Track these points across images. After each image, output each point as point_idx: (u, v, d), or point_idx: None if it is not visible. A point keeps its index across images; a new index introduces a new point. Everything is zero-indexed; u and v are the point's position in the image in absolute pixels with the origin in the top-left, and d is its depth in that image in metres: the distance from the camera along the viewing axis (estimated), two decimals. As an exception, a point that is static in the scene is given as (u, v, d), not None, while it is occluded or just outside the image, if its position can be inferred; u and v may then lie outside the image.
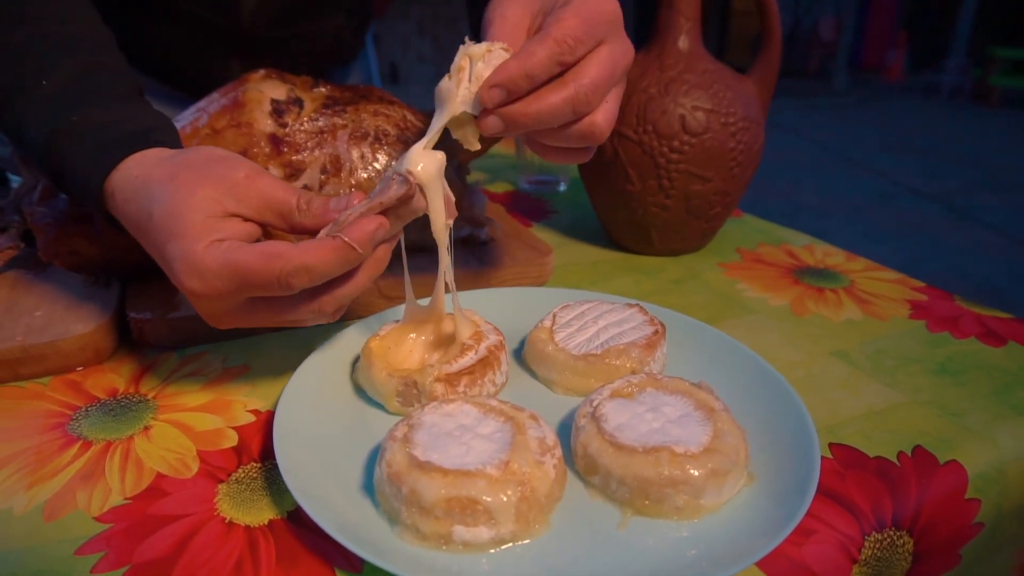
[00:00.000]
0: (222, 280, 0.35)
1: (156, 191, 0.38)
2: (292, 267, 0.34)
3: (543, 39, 0.37)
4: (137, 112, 0.43)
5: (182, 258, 0.36)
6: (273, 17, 0.80)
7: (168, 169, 0.39)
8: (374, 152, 0.57)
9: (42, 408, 0.42)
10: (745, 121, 0.61)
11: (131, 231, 0.40)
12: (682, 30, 0.62)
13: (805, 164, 5.14)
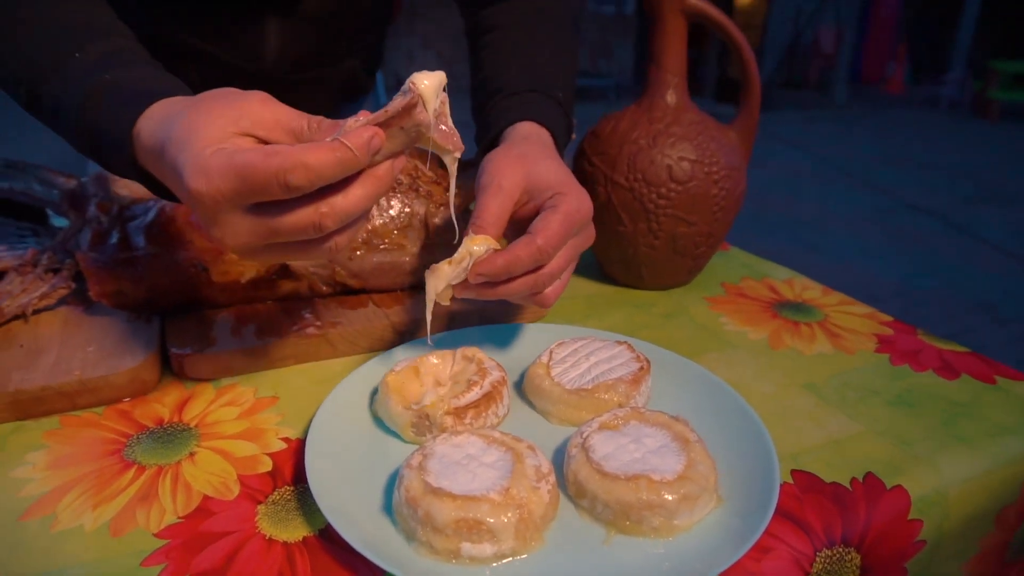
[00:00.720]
0: (225, 179, 0.37)
1: (175, 118, 0.41)
2: (290, 163, 0.36)
3: (529, 243, 0.46)
4: (161, 75, 0.48)
5: (191, 163, 0.38)
6: (294, 61, 0.86)
7: (187, 103, 0.42)
8: (388, 199, 0.63)
9: (99, 436, 0.48)
10: (727, 169, 0.67)
11: (153, 167, 0.43)
12: (669, 85, 0.68)
13: (804, 177, 5.20)
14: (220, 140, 0.38)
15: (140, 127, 0.44)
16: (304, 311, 0.61)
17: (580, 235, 0.51)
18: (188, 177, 0.37)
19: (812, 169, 5.47)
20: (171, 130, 0.40)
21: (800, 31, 9.55)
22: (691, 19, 0.66)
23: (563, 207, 0.49)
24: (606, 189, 0.67)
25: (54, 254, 0.62)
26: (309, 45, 0.87)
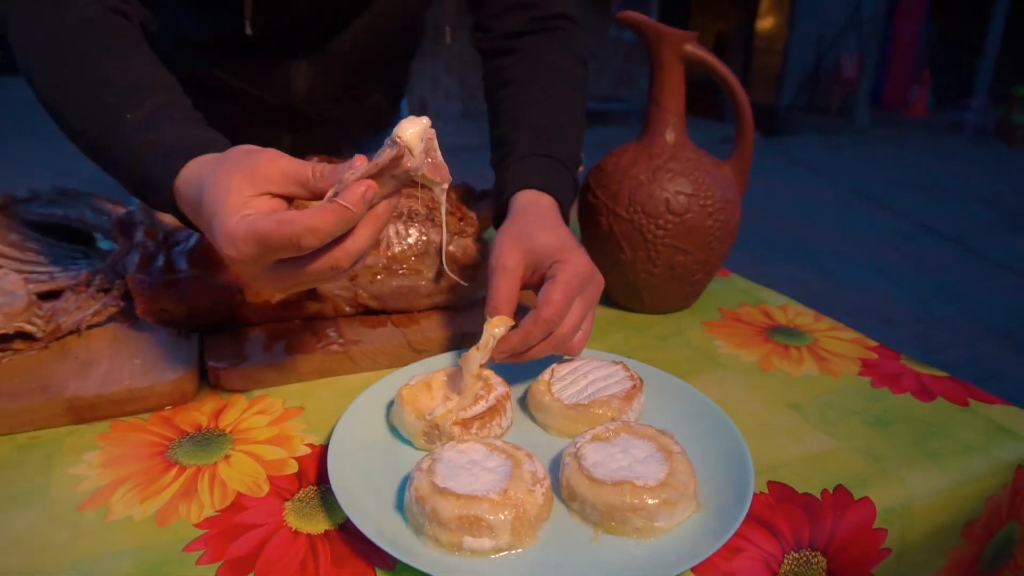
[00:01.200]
0: (249, 245, 0.43)
1: (204, 183, 0.48)
2: (301, 229, 0.42)
3: (536, 318, 0.54)
4: (197, 131, 0.55)
5: (221, 232, 0.44)
6: (323, 98, 0.93)
7: (212, 165, 0.48)
8: (407, 228, 0.68)
9: (145, 439, 0.54)
10: (722, 202, 0.72)
11: (192, 218, 0.51)
12: (668, 124, 0.73)
13: (823, 201, 5.20)
14: (242, 206, 0.45)
15: (178, 185, 0.51)
16: (329, 330, 0.66)
17: (586, 291, 0.58)
18: (221, 246, 0.45)
19: (831, 194, 5.48)
20: (202, 194, 0.48)
21: (822, 56, 9.58)
22: (688, 64, 0.71)
23: (561, 276, 0.56)
24: (608, 220, 0.72)
25: (105, 275, 0.68)
26: (336, 82, 0.94)
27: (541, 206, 0.64)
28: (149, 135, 0.53)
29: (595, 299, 0.59)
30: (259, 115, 0.94)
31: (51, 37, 0.59)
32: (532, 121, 0.72)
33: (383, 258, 0.67)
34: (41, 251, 0.75)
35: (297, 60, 0.89)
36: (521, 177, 0.67)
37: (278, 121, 0.96)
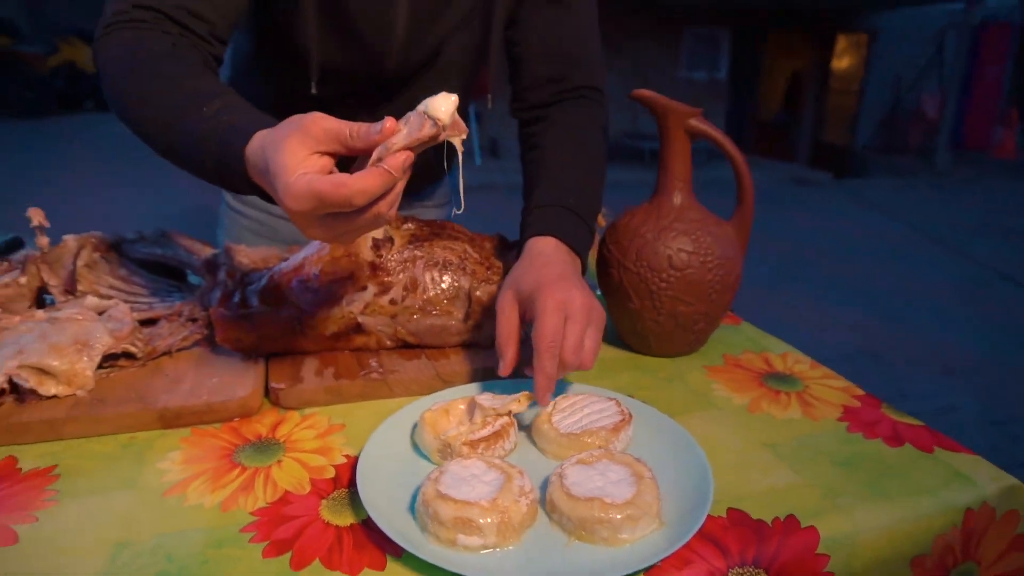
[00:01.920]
0: (308, 201, 0.53)
1: (267, 149, 0.58)
2: (352, 191, 0.52)
3: (541, 355, 0.65)
4: (259, 115, 0.65)
5: (283, 189, 0.54)
6: None
7: (272, 134, 0.58)
8: (441, 275, 0.80)
9: (217, 444, 0.66)
10: (721, 259, 0.80)
11: (262, 184, 0.61)
12: (676, 188, 0.82)
13: (892, 244, 5.09)
14: (297, 166, 0.55)
15: (248, 155, 0.62)
16: (371, 360, 0.78)
17: (573, 315, 0.67)
18: (284, 200, 0.55)
19: (903, 237, 5.36)
20: (267, 160, 0.58)
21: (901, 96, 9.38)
22: (693, 136, 0.81)
23: (540, 312, 0.67)
24: (619, 272, 0.82)
25: (193, 307, 0.82)
26: None
27: (546, 251, 0.75)
28: (223, 118, 0.65)
29: (586, 318, 0.68)
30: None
31: (136, 59, 0.72)
32: (553, 177, 0.84)
33: (420, 300, 0.78)
34: (144, 284, 0.90)
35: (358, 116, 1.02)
36: (535, 224, 0.79)
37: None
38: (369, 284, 0.77)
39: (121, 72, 0.73)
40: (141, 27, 0.75)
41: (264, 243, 1.20)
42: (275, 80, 0.99)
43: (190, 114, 0.67)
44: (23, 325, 0.73)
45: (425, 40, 0.93)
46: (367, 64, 0.93)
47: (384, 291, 0.78)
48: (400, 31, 0.90)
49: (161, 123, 0.70)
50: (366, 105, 0.99)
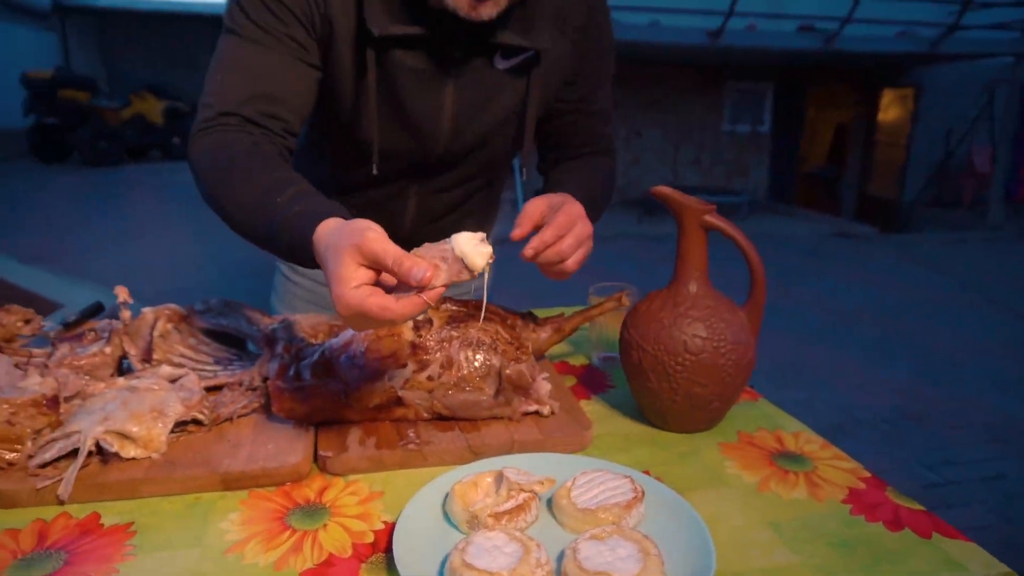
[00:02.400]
0: (357, 312, 0.66)
1: (327, 251, 0.70)
2: (395, 315, 0.65)
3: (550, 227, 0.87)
4: (326, 203, 0.78)
5: (336, 296, 0.66)
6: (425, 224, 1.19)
7: (335, 236, 0.70)
8: (474, 354, 0.88)
9: (271, 507, 0.74)
10: (733, 344, 0.86)
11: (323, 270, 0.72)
12: (692, 277, 0.89)
13: (943, 302, 5.00)
14: (350, 278, 0.66)
15: (315, 244, 0.74)
16: (409, 430, 0.86)
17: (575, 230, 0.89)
18: (337, 305, 0.67)
19: (952, 294, 5.25)
20: (326, 260, 0.70)
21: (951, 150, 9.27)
22: (707, 229, 0.88)
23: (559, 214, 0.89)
24: (638, 354, 0.89)
25: (253, 377, 0.92)
26: (437, 212, 1.19)
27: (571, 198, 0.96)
28: (294, 208, 0.78)
29: (583, 236, 0.90)
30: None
31: (221, 157, 0.87)
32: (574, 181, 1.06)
33: (455, 377, 0.86)
34: (209, 353, 1.00)
35: (408, 194, 1.14)
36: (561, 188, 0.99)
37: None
38: (409, 362, 0.86)
39: (209, 168, 0.87)
40: (226, 129, 0.89)
41: (314, 310, 1.31)
42: (339, 162, 1.11)
43: (266, 205, 0.81)
44: (108, 392, 0.83)
45: (469, 131, 1.05)
46: (419, 149, 1.06)
47: (423, 368, 0.86)
48: (447, 124, 1.03)
49: (242, 212, 0.84)
50: (417, 178, 1.12)
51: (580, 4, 1.03)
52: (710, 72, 8.37)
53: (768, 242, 6.95)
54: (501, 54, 0.99)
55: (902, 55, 7.95)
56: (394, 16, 0.92)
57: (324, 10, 0.92)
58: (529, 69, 1.01)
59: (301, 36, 0.92)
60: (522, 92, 1.04)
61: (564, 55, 1.04)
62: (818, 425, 3.03)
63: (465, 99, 1.01)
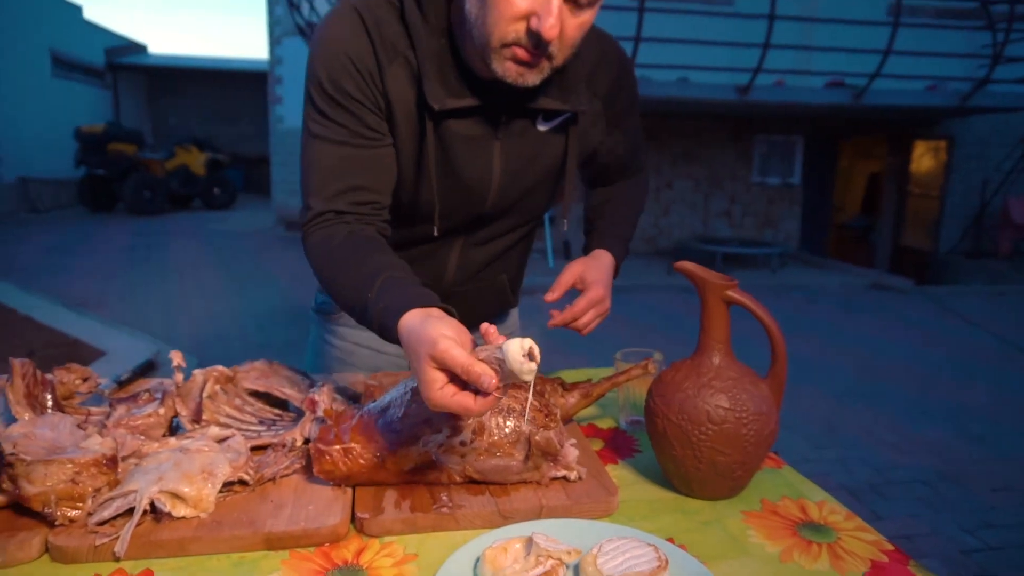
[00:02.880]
0: (441, 407, 0.79)
1: (409, 350, 0.84)
2: (474, 412, 0.78)
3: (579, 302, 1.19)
4: (409, 294, 0.90)
5: (427, 397, 0.79)
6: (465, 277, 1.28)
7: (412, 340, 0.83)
8: (505, 421, 0.92)
9: (311, 567, 0.78)
10: (756, 415, 0.89)
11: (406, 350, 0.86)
12: (715, 350, 0.93)
13: (981, 358, 4.90)
14: (433, 380, 0.79)
15: (400, 334, 0.87)
16: (442, 494, 0.90)
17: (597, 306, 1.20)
18: (427, 403, 0.80)
19: (993, 349, 5.15)
20: (409, 356, 0.84)
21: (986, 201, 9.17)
22: (729, 304, 0.92)
23: (586, 293, 1.19)
24: (663, 422, 0.92)
25: (295, 438, 0.97)
26: (476, 266, 1.26)
27: (604, 261, 1.27)
28: (380, 304, 0.91)
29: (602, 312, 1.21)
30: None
31: (325, 253, 1.02)
32: (614, 211, 1.36)
33: (486, 443, 0.90)
34: (254, 414, 1.06)
35: (453, 248, 1.22)
36: (602, 240, 1.32)
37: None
38: (444, 427, 0.90)
39: (317, 266, 1.05)
40: (326, 226, 1.04)
41: (349, 369, 1.37)
42: (401, 225, 1.18)
43: (360, 299, 0.96)
44: (162, 453, 0.89)
45: (515, 187, 1.15)
46: (469, 207, 1.16)
47: (456, 434, 0.90)
48: (496, 183, 1.13)
49: (344, 301, 1.01)
50: (463, 233, 1.21)
51: (610, 69, 1.17)
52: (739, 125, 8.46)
53: (801, 294, 6.91)
54: (543, 117, 1.09)
55: (933, 109, 7.96)
56: (450, 91, 1.01)
57: (383, 90, 1.02)
58: (567, 128, 1.12)
59: (372, 121, 1.04)
60: (562, 148, 1.15)
61: (597, 112, 1.18)
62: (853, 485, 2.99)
63: (511, 159, 1.11)
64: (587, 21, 0.95)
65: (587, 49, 1.09)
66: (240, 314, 5.65)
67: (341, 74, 1.00)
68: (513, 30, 0.91)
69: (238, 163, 15.84)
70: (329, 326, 1.39)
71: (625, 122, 1.26)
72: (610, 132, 1.24)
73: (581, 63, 1.09)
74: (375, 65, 1.01)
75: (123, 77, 17.07)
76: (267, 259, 8.09)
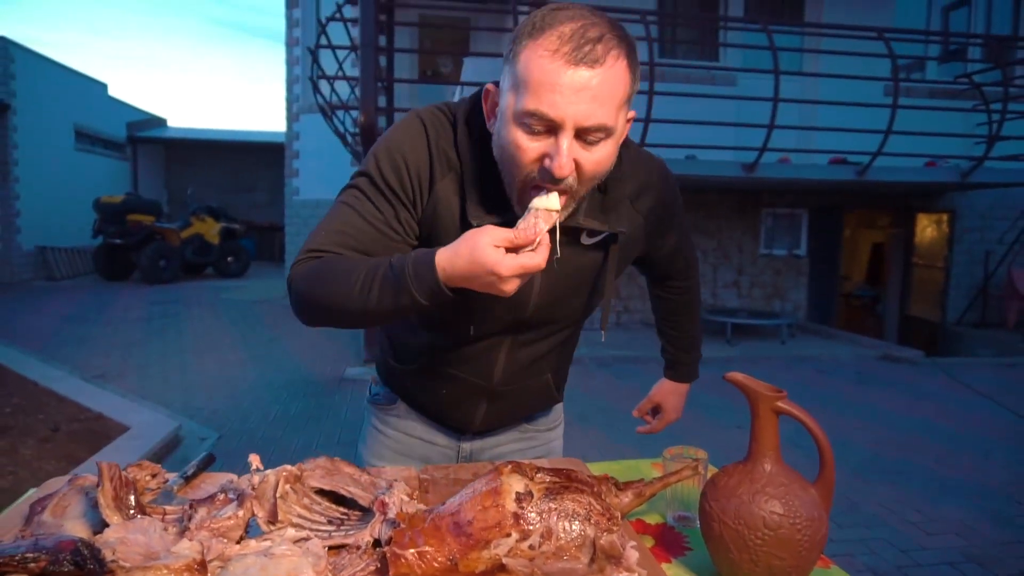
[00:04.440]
0: (515, 271, 0.94)
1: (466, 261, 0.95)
2: (539, 262, 0.95)
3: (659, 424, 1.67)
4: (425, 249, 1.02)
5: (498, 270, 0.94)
6: (511, 376, 1.32)
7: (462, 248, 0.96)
8: (570, 524, 0.97)
9: (397, 673, 0.82)
10: (808, 520, 0.95)
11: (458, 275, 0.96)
12: (766, 457, 0.99)
13: (993, 433, 4.89)
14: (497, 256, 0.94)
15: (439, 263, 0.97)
16: (511, 597, 0.94)
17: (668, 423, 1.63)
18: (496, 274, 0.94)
19: (1006, 424, 5.14)
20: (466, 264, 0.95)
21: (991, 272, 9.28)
22: (778, 413, 0.98)
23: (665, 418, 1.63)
24: (719, 526, 0.97)
25: (368, 540, 1.02)
26: (522, 365, 1.32)
27: (680, 390, 1.63)
28: (407, 267, 1.00)
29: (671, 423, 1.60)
30: (466, 391, 1.33)
31: (317, 266, 1.08)
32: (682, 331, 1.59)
33: (553, 546, 0.95)
34: (322, 513, 1.11)
35: (500, 348, 1.28)
36: (675, 370, 1.62)
37: (478, 395, 1.33)
38: (512, 531, 0.96)
39: (308, 283, 1.09)
40: (317, 256, 1.10)
41: (401, 460, 1.43)
42: (440, 330, 1.27)
43: (378, 266, 1.03)
44: (248, 557, 0.94)
45: (555, 296, 1.23)
46: (516, 312, 1.22)
47: (524, 537, 0.95)
48: (536, 293, 1.21)
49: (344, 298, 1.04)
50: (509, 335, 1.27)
51: (655, 192, 1.25)
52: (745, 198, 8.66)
53: (812, 366, 6.93)
54: (586, 233, 1.16)
55: (934, 184, 8.17)
56: (489, 208, 1.11)
57: (432, 198, 1.12)
58: (608, 244, 1.18)
59: (404, 217, 1.13)
60: (601, 262, 1.21)
61: (638, 229, 1.24)
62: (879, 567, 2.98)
63: (551, 271, 1.15)
64: (603, 157, 1.01)
65: (633, 173, 1.19)
66: (257, 386, 5.69)
67: (395, 173, 1.11)
68: (530, 171, 1.01)
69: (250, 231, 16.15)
70: (383, 416, 1.45)
71: (669, 231, 1.35)
72: (656, 236, 1.31)
73: (625, 184, 1.18)
74: (428, 175, 1.11)
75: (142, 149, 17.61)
76: (281, 330, 8.18)
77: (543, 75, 0.93)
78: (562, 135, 0.96)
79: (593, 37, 0.93)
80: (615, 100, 0.97)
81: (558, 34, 0.94)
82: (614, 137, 1.01)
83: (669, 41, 8.06)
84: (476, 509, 0.97)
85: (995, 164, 7.79)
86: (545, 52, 0.93)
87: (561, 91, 0.93)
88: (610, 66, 0.95)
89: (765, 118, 6.72)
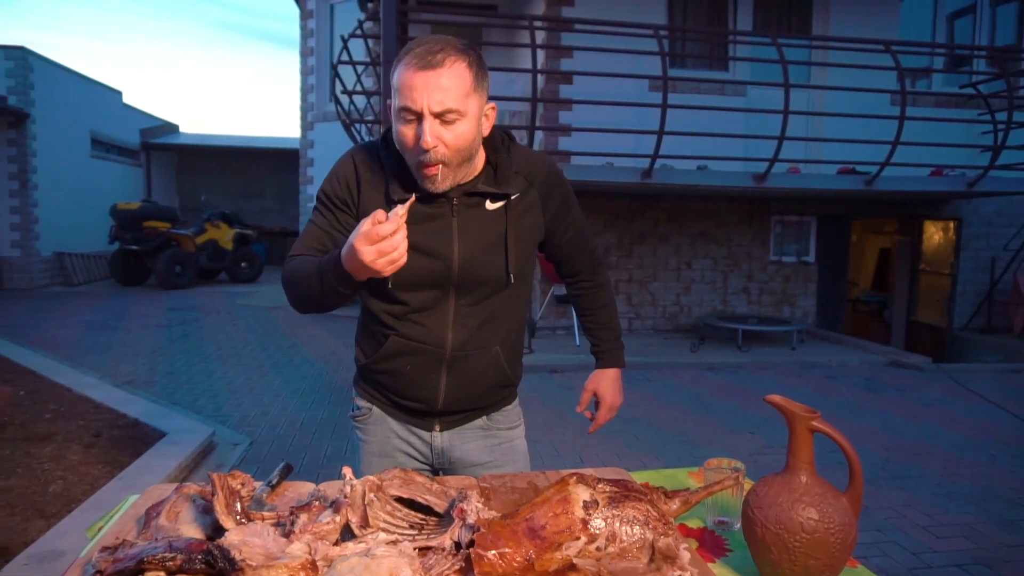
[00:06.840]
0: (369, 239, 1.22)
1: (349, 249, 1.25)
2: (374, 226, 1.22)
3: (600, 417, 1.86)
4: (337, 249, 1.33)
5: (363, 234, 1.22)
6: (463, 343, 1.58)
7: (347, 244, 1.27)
8: (631, 528, 1.11)
9: (491, 656, 0.96)
10: (840, 525, 1.08)
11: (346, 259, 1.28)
12: (802, 469, 1.13)
13: (1002, 439, 5.00)
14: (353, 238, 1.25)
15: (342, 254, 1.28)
16: (581, 592, 1.08)
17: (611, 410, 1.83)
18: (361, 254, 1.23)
19: (1012, 429, 5.25)
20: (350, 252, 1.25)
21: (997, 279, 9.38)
22: (813, 431, 1.12)
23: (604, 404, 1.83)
24: (762, 530, 1.11)
25: (451, 543, 1.16)
26: (470, 333, 1.56)
27: (608, 374, 1.83)
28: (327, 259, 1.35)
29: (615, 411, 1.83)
30: (426, 362, 1.58)
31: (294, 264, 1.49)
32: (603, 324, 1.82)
33: (617, 548, 1.09)
34: (403, 518, 1.25)
35: (445, 313, 1.55)
36: (603, 360, 1.83)
37: (438, 364, 1.58)
38: (581, 535, 1.10)
39: (290, 275, 1.49)
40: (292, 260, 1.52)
41: (388, 463, 1.65)
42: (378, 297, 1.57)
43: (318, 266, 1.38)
44: (352, 558, 1.08)
45: (472, 252, 1.50)
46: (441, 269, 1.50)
47: (592, 540, 1.09)
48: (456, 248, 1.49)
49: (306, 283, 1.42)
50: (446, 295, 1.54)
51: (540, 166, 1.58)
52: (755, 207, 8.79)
53: (822, 372, 7.04)
54: (489, 200, 1.50)
55: (941, 193, 8.28)
56: (406, 187, 1.46)
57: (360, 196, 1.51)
58: (508, 209, 1.51)
59: (344, 218, 1.52)
60: (506, 225, 1.51)
61: (534, 200, 1.56)
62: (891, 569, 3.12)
63: (466, 230, 1.48)
64: (462, 132, 1.35)
65: (523, 161, 1.54)
66: (283, 393, 5.83)
67: (331, 187, 1.53)
68: (416, 152, 1.36)
69: (262, 236, 16.33)
70: (363, 426, 1.73)
71: (565, 214, 1.63)
72: (555, 220, 1.61)
73: (512, 162, 1.51)
74: (355, 181, 1.51)
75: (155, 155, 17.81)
76: (299, 337, 8.32)
77: (404, 80, 1.33)
78: (424, 120, 1.33)
79: (436, 50, 1.32)
80: (459, 90, 1.33)
81: (413, 53, 1.33)
82: (467, 119, 1.36)
83: (680, 55, 8.20)
84: (548, 516, 1.11)
85: (1000, 173, 7.90)
86: (405, 66, 1.33)
87: (416, 88, 1.31)
88: (449, 66, 1.32)
89: (774, 129, 6.85)
